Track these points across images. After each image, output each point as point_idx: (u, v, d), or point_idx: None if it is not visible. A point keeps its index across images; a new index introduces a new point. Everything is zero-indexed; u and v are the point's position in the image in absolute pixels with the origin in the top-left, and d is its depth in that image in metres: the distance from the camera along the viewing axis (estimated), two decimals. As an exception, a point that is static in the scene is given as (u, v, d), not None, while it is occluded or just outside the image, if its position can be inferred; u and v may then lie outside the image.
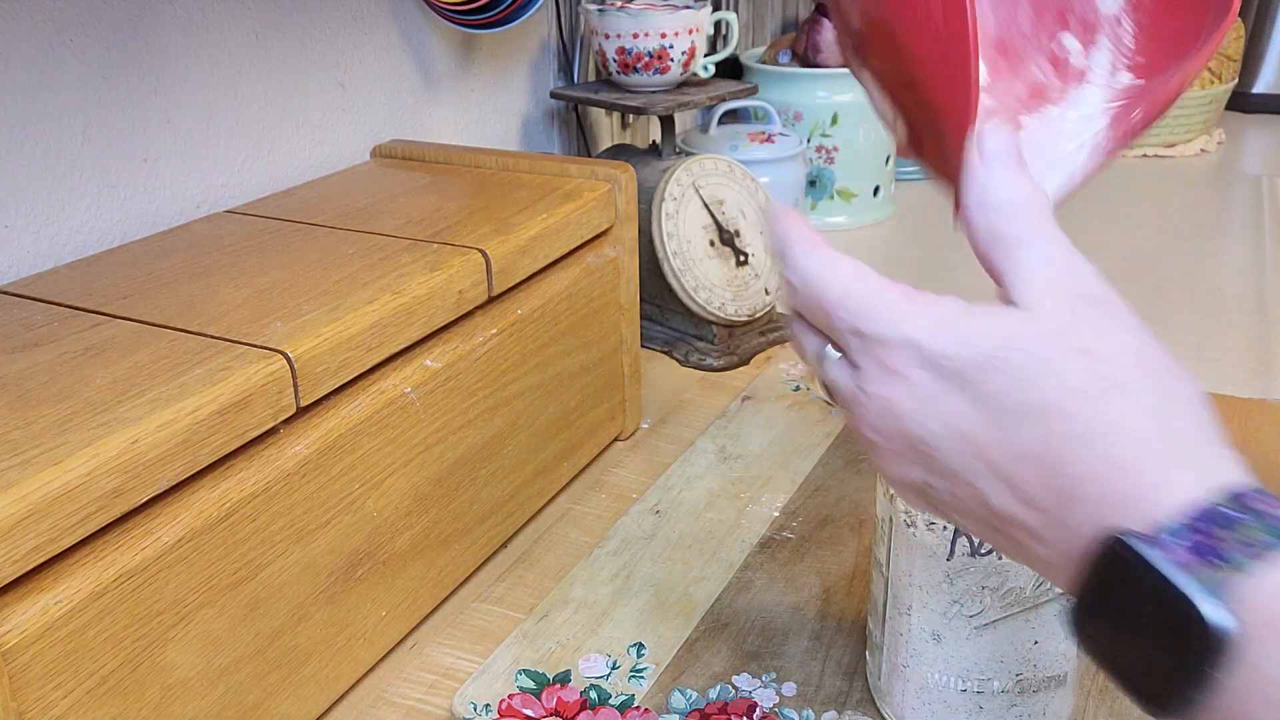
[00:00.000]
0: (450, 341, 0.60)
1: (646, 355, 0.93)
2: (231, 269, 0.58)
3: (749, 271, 0.92)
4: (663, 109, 0.90)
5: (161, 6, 0.69)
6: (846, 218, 1.28)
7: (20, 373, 0.47)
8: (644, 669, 0.55)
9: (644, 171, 0.91)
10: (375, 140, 0.87)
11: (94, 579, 0.41)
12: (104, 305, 0.54)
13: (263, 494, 0.48)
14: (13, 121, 0.62)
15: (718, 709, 0.52)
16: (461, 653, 0.59)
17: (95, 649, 0.41)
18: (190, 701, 0.46)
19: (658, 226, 0.88)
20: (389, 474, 0.56)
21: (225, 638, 0.47)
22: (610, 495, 0.73)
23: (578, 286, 0.70)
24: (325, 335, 0.50)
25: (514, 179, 0.74)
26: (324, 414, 0.52)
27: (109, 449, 0.41)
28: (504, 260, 0.62)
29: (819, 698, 0.53)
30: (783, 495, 0.71)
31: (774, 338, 0.95)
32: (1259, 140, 1.63)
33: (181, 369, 0.46)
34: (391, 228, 0.65)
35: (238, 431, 0.46)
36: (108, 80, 0.66)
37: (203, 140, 0.73)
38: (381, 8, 0.86)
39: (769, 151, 1.07)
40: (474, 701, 0.53)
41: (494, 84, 1.01)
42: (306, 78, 0.81)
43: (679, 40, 0.91)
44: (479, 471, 0.63)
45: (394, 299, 0.55)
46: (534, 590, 0.63)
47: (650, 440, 0.80)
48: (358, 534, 0.54)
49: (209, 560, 0.45)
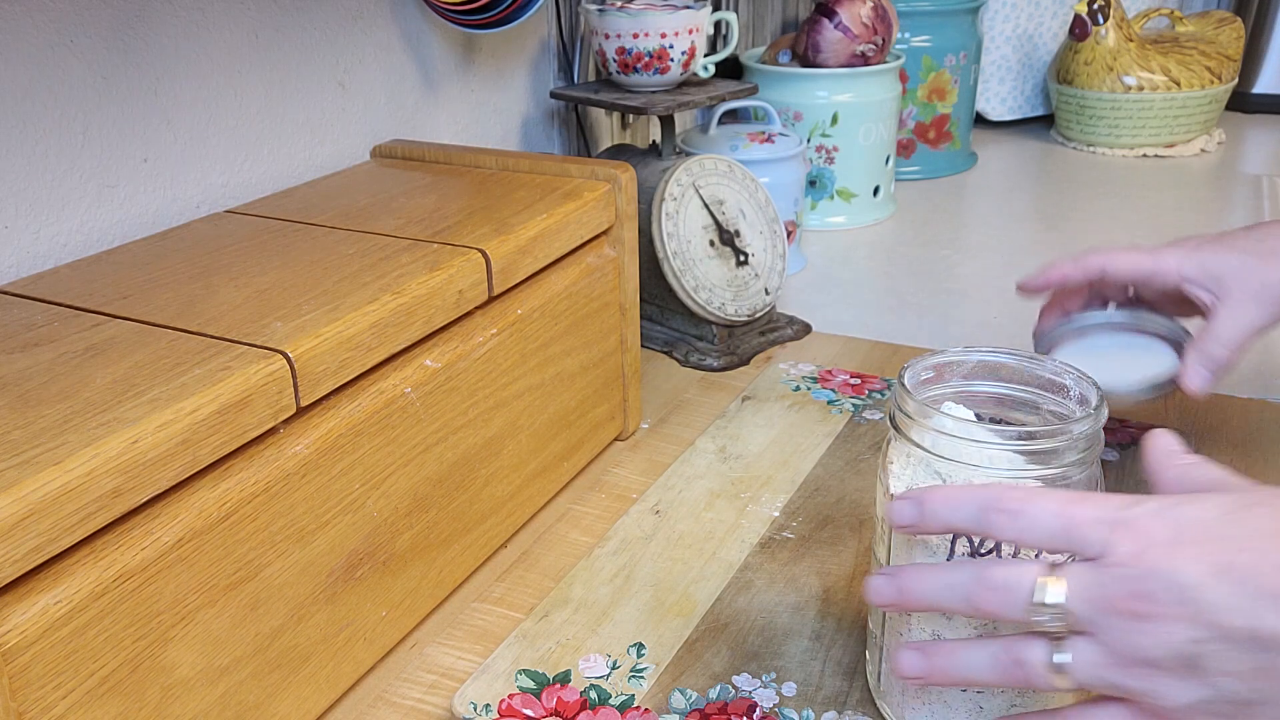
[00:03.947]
0: (450, 341, 0.60)
1: (646, 355, 0.93)
2: (231, 269, 0.58)
3: (749, 271, 0.92)
4: (663, 109, 0.90)
5: (161, 6, 0.69)
6: (846, 218, 1.28)
7: (20, 373, 0.47)
8: (644, 669, 0.55)
9: (644, 171, 0.91)
10: (375, 140, 0.87)
11: (94, 579, 0.41)
12: (104, 305, 0.54)
13: (263, 494, 0.48)
14: (13, 121, 0.62)
15: (718, 709, 0.52)
16: (461, 653, 0.59)
17: (95, 649, 0.41)
18: (190, 701, 0.46)
19: (658, 226, 0.88)
20: (389, 474, 0.56)
21: (225, 638, 0.47)
22: (610, 495, 0.73)
23: (578, 286, 0.70)
24: (325, 335, 0.50)
25: (514, 179, 0.74)
26: (324, 414, 0.52)
27: (109, 449, 0.41)
28: (504, 260, 0.62)
29: (819, 698, 0.53)
30: (783, 495, 0.71)
31: (774, 338, 0.95)
32: (1259, 140, 1.63)
33: (181, 369, 0.46)
34: (391, 228, 0.65)
35: (238, 431, 0.46)
36: (108, 80, 0.66)
37: (203, 140, 0.73)
38: (381, 8, 0.86)
39: (769, 151, 1.07)
40: (474, 701, 0.53)
41: (494, 84, 1.01)
42: (306, 78, 0.81)
43: (679, 40, 0.91)
44: (479, 471, 0.63)
45: (394, 299, 0.55)
46: (534, 590, 0.63)
47: (650, 440, 0.80)
48: (358, 534, 0.54)
49: (209, 560, 0.45)
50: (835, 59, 1.23)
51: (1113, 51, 1.50)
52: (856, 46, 1.22)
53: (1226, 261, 0.65)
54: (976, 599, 0.41)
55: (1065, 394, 0.49)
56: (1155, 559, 0.38)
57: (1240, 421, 0.78)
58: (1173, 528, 0.38)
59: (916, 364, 0.51)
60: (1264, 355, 0.91)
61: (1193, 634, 0.37)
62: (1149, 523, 0.39)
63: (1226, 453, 0.74)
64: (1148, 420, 0.78)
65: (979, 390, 0.51)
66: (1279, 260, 0.64)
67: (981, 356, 0.51)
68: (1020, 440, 0.45)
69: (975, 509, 0.42)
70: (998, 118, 1.70)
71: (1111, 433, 0.75)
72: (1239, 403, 0.81)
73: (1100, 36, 1.50)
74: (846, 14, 1.21)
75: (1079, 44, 1.52)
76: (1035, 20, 1.65)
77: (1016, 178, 1.49)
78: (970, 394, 0.51)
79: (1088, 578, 0.39)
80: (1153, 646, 0.38)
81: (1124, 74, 1.51)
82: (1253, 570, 0.37)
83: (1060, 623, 0.40)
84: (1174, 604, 0.37)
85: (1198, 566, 0.37)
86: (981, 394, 0.51)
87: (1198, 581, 0.37)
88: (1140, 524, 0.39)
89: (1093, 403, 0.47)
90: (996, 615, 0.41)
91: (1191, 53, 1.53)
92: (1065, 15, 1.64)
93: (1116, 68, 1.51)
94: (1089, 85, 1.53)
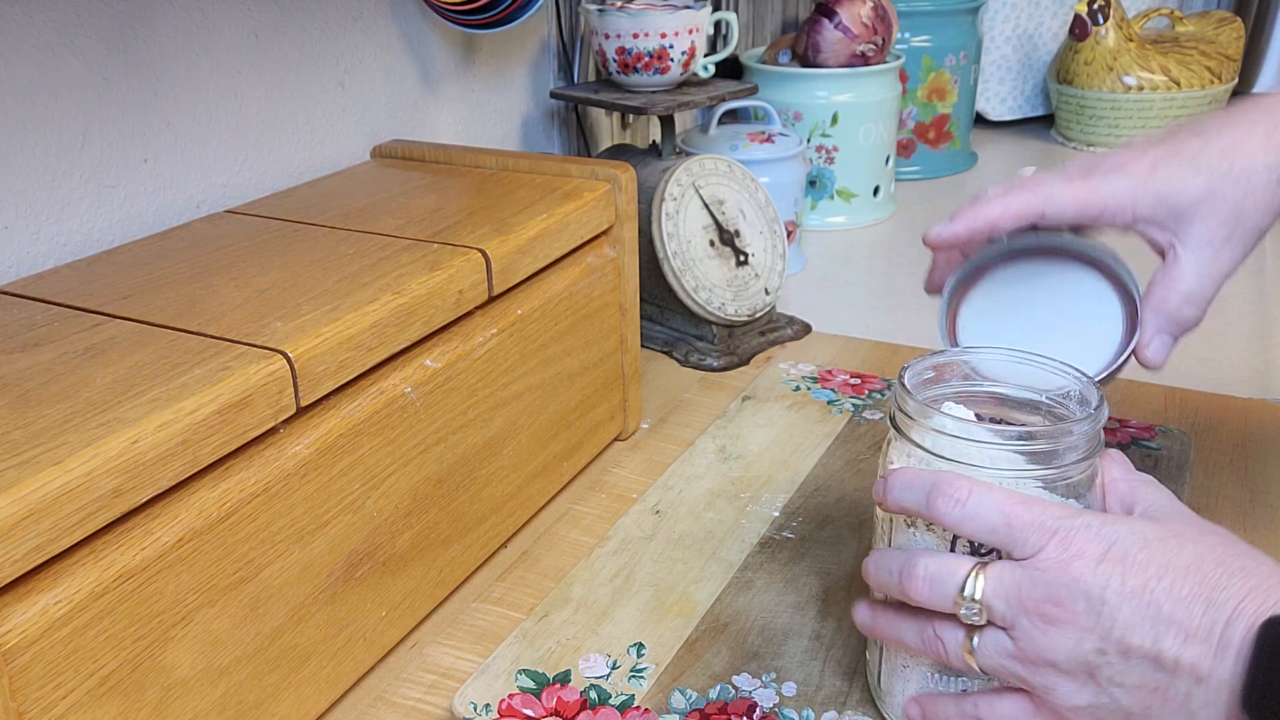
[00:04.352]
0: (450, 341, 0.60)
1: (646, 355, 0.93)
2: (231, 269, 0.58)
3: (749, 271, 0.92)
4: (663, 109, 0.90)
5: (161, 6, 0.69)
6: (846, 218, 1.28)
7: (20, 373, 0.47)
8: (644, 669, 0.55)
9: (644, 171, 0.91)
10: (375, 140, 0.87)
11: (94, 579, 0.41)
12: (104, 305, 0.54)
13: (263, 494, 0.48)
14: (13, 121, 0.62)
15: (718, 709, 0.52)
16: (461, 653, 0.59)
17: (95, 649, 0.41)
18: (190, 701, 0.46)
19: (658, 226, 0.88)
20: (389, 474, 0.56)
21: (225, 638, 0.47)
22: (610, 495, 0.73)
23: (578, 286, 0.70)
24: (325, 335, 0.50)
25: (514, 179, 0.74)
26: (324, 414, 0.52)
27: (109, 449, 0.41)
28: (504, 260, 0.62)
29: (819, 698, 0.53)
30: (783, 495, 0.71)
31: (774, 338, 0.95)
32: (1259, 140, 1.63)
33: (181, 369, 0.46)
34: (391, 228, 0.65)
35: (238, 431, 0.46)
36: (108, 80, 0.66)
37: (203, 140, 0.73)
38: (381, 7, 0.86)
39: (769, 151, 1.07)
40: (474, 701, 0.53)
41: (494, 84, 1.01)
42: (306, 78, 0.81)
43: (679, 40, 0.91)
44: (479, 471, 0.63)
45: (394, 299, 0.55)
46: (534, 590, 0.63)
47: (650, 440, 0.80)
48: (358, 534, 0.54)
49: (209, 560, 0.45)
50: (835, 59, 1.23)
51: (1113, 51, 1.50)
52: (856, 46, 1.22)
53: (1188, 188, 0.50)
54: (907, 586, 0.44)
55: (1065, 394, 0.49)
56: (1079, 571, 0.40)
57: (1240, 421, 0.78)
58: (1102, 545, 0.41)
59: (916, 364, 0.51)
60: (1264, 355, 0.91)
61: (1097, 645, 0.40)
62: (1081, 536, 0.41)
63: (1226, 453, 0.74)
64: (1148, 421, 0.78)
65: (979, 390, 0.51)
66: (1252, 182, 0.50)
67: (981, 356, 0.51)
68: (1020, 440, 0.45)
69: (923, 493, 0.44)
70: (998, 118, 1.70)
71: (1111, 432, 0.75)
72: (1239, 403, 0.81)
73: (1100, 36, 1.50)
74: (846, 14, 1.21)
75: (1079, 44, 1.52)
76: (1035, 20, 1.65)
77: (1016, 178, 1.49)
78: (970, 394, 0.51)
79: (1010, 577, 0.42)
80: (1057, 649, 0.41)
81: (1124, 74, 1.51)
82: (1163, 597, 0.39)
83: (979, 617, 0.43)
84: (1085, 614, 0.40)
85: (1115, 584, 0.40)
86: (981, 394, 0.51)
87: (1112, 599, 0.40)
88: (1073, 536, 0.41)
89: (1093, 403, 0.47)
90: (925, 604, 0.44)
91: (1191, 53, 1.53)
92: (1065, 15, 1.63)
93: (1116, 68, 1.51)
94: (1089, 85, 1.53)
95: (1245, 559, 0.40)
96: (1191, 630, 0.39)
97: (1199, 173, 0.50)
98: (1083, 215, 0.52)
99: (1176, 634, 0.39)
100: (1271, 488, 0.70)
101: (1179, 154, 0.51)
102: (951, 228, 0.53)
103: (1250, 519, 0.67)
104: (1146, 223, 0.52)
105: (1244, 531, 0.66)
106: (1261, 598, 0.39)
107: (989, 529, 0.43)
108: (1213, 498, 0.70)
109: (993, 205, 0.52)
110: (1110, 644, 0.40)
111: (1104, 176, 0.52)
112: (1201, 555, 0.40)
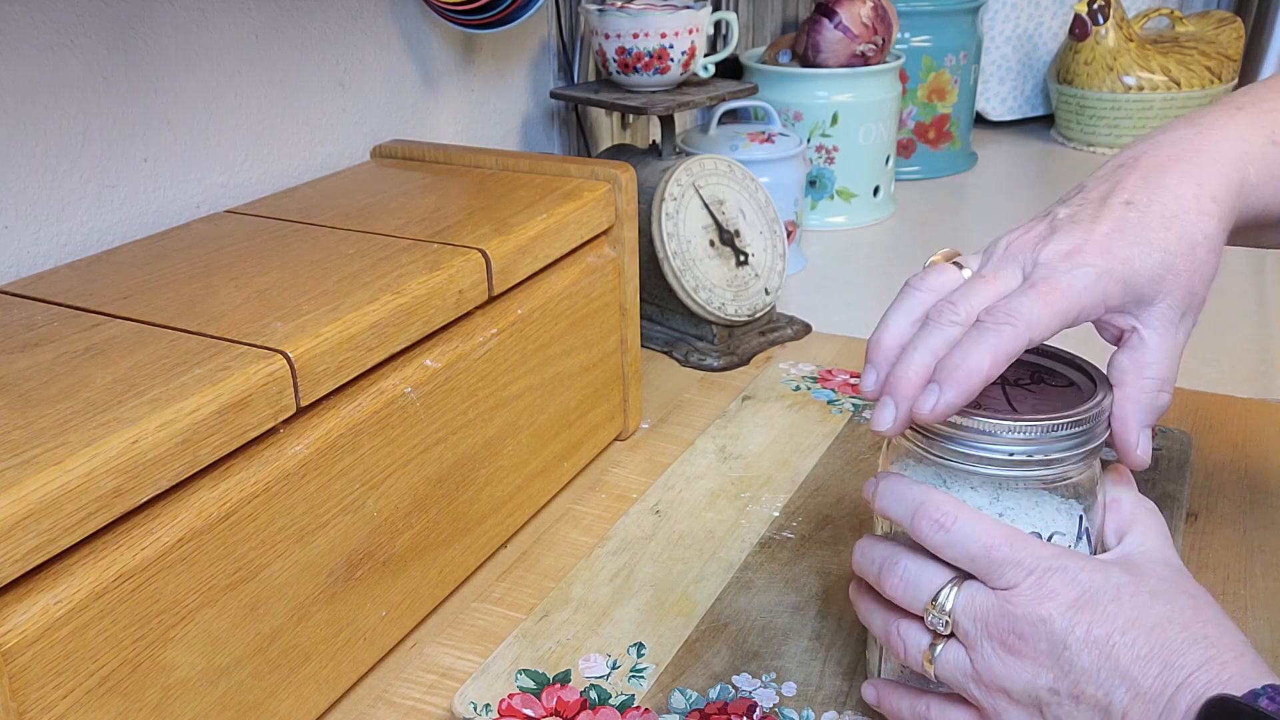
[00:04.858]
0: (450, 341, 0.60)
1: (646, 355, 0.93)
2: (231, 269, 0.58)
3: (749, 271, 0.92)
4: (663, 109, 0.90)
5: (161, 6, 0.69)
6: (846, 218, 1.28)
7: (20, 373, 0.47)
8: (644, 669, 0.55)
9: (644, 171, 0.91)
10: (375, 140, 0.87)
11: (94, 579, 0.41)
12: (104, 305, 0.54)
13: (263, 494, 0.48)
14: (13, 121, 0.62)
15: (718, 709, 0.52)
16: (461, 653, 0.59)
17: (95, 649, 0.41)
18: (190, 701, 0.46)
19: (658, 226, 0.88)
20: (389, 474, 0.56)
21: (225, 638, 0.47)
22: (610, 495, 0.73)
23: (578, 286, 0.70)
24: (325, 335, 0.50)
25: (514, 179, 0.74)
26: (324, 414, 0.52)
27: (109, 449, 0.41)
28: (504, 260, 0.62)
29: (819, 698, 0.53)
30: (783, 495, 0.71)
31: (774, 338, 0.95)
32: (1259, 140, 1.63)
33: (181, 369, 0.46)
34: (391, 228, 0.65)
35: (238, 431, 0.46)
36: (108, 80, 0.66)
37: (203, 140, 0.73)
38: (381, 8, 0.86)
39: (769, 151, 1.07)
40: (474, 701, 0.53)
41: (494, 84, 1.01)
42: (306, 78, 0.81)
43: (679, 40, 0.91)
44: (479, 471, 0.63)
45: (394, 299, 0.55)
46: (534, 590, 0.63)
47: (650, 440, 0.80)
48: (358, 534, 0.54)
49: (209, 560, 0.45)
50: (835, 59, 1.23)
51: (1113, 51, 1.50)
52: (856, 46, 1.22)
53: (1146, 268, 0.46)
54: (884, 581, 0.46)
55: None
56: (1047, 611, 0.41)
57: (1240, 421, 0.78)
58: (1076, 591, 0.42)
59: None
60: (1264, 355, 0.91)
61: (1050, 684, 0.41)
62: (1057, 579, 0.42)
63: (1226, 453, 0.74)
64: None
65: None
66: (1197, 254, 0.46)
67: None
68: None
69: (909, 508, 0.45)
70: (998, 118, 1.70)
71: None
72: (1239, 403, 0.81)
73: (1100, 36, 1.50)
74: (846, 14, 1.21)
75: (1079, 44, 1.52)
76: (1035, 20, 1.65)
77: (1016, 178, 1.49)
78: None
79: (982, 601, 0.43)
80: (1013, 679, 0.42)
81: (1124, 74, 1.51)
82: (1123, 652, 0.40)
83: (945, 628, 0.44)
84: (1046, 654, 0.41)
85: (1079, 631, 0.41)
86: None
87: (1075, 644, 0.41)
88: (1049, 578, 0.42)
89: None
90: (898, 602, 0.46)
91: (1191, 53, 1.53)
92: (1065, 15, 1.64)
93: (1116, 68, 1.51)
94: (1089, 85, 1.53)
95: (1211, 626, 0.41)
96: (1143, 689, 0.40)
97: (1152, 250, 0.46)
98: (1061, 327, 0.46)
99: (1128, 689, 0.40)
100: (1271, 488, 0.70)
101: (1124, 229, 0.46)
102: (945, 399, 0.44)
103: (1250, 519, 0.67)
104: (1115, 312, 0.47)
105: (1244, 531, 0.66)
106: (1216, 669, 0.39)
107: (968, 558, 0.43)
108: (1213, 498, 0.70)
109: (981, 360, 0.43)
110: (1064, 685, 0.41)
111: (1064, 274, 0.45)
112: (1170, 616, 0.41)
